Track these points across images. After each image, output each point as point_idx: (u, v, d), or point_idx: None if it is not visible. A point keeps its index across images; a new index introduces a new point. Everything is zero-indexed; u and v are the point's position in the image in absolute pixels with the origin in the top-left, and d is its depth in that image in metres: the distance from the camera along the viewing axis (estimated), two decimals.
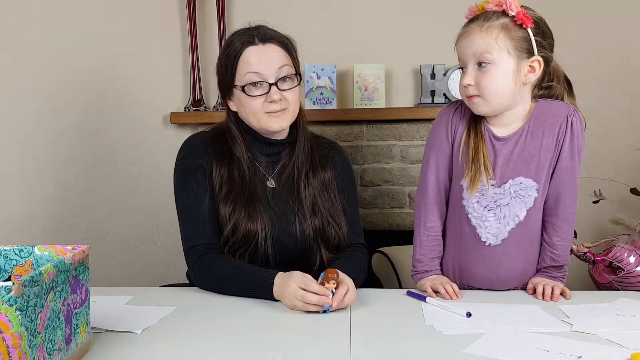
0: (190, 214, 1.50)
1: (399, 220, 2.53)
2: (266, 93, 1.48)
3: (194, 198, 1.50)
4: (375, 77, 2.46)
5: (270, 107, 1.48)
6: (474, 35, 1.33)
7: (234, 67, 1.49)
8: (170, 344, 1.09)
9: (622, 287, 1.62)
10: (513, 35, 1.32)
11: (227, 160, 1.52)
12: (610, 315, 1.25)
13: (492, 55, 1.31)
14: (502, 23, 1.32)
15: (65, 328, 0.94)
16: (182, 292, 1.49)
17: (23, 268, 1.05)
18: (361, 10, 2.55)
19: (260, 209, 1.49)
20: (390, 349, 1.06)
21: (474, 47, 1.33)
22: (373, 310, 1.29)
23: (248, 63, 1.47)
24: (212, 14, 2.52)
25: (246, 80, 1.48)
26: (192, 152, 1.54)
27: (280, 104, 1.49)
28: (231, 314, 1.27)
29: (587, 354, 1.02)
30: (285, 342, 1.10)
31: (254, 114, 1.50)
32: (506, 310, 1.29)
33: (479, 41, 1.32)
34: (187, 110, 2.51)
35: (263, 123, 1.50)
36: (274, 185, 1.55)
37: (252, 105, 1.49)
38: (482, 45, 1.32)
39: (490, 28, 1.31)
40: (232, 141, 1.54)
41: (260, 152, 1.56)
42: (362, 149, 2.50)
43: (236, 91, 1.50)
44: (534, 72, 1.35)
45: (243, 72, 1.48)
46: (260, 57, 1.48)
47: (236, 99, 1.52)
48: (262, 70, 1.47)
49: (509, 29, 1.31)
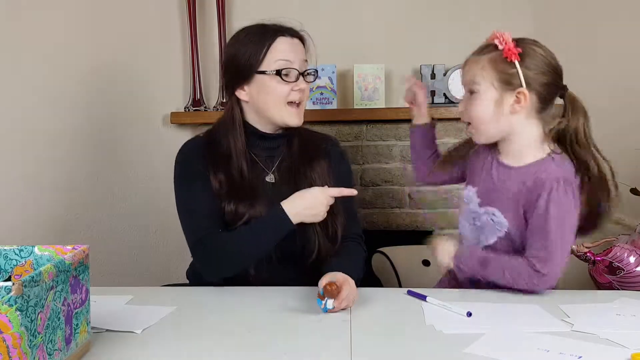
0: (192, 210, 1.50)
1: (399, 220, 2.53)
2: (294, 81, 1.52)
3: (194, 194, 1.50)
4: (375, 77, 2.46)
5: (294, 97, 1.52)
6: (467, 65, 1.43)
7: (264, 52, 1.50)
8: (170, 344, 1.09)
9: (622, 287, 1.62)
10: (499, 68, 1.38)
11: (223, 162, 1.52)
12: (611, 315, 1.25)
13: (478, 85, 1.40)
14: (490, 56, 1.39)
15: (66, 328, 0.94)
16: (182, 292, 1.49)
17: (23, 268, 1.05)
18: (361, 10, 2.55)
19: (263, 201, 1.49)
20: (390, 349, 1.07)
21: (466, 76, 1.44)
22: (373, 310, 1.29)
23: (281, 51, 1.50)
24: (212, 14, 2.52)
25: (278, 66, 1.50)
26: (189, 158, 1.55)
27: (302, 94, 1.54)
28: (231, 314, 1.27)
29: (588, 354, 1.02)
30: (285, 342, 1.10)
31: (277, 102, 1.51)
32: (507, 310, 1.29)
33: (469, 71, 1.42)
34: (187, 110, 2.51)
35: (283, 114, 1.52)
36: (273, 179, 1.56)
37: (278, 91, 1.50)
38: (471, 75, 1.42)
39: (480, 60, 1.40)
40: (232, 135, 1.54)
41: (258, 148, 1.57)
42: (362, 149, 2.50)
43: (260, 77, 1.50)
44: (519, 103, 1.38)
45: (274, 58, 1.50)
46: (292, 48, 1.52)
47: (257, 86, 1.52)
48: (293, 60, 1.51)
49: (495, 62, 1.38)
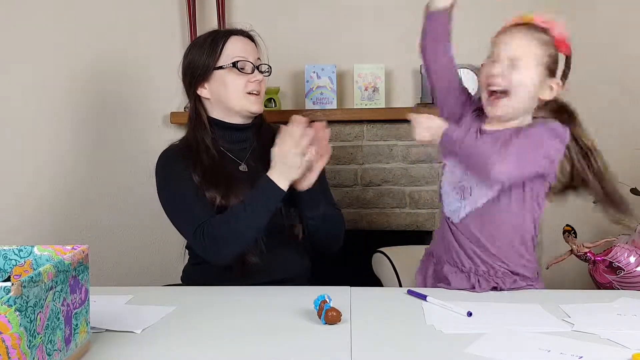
0: (183, 205, 1.55)
1: (399, 220, 2.53)
2: (250, 73, 1.62)
3: (182, 192, 1.55)
4: (375, 77, 2.46)
5: (252, 87, 1.61)
6: (517, 39, 1.41)
7: (220, 50, 1.61)
8: (170, 344, 1.09)
9: (622, 287, 1.62)
10: (550, 53, 1.41)
11: (198, 159, 1.58)
12: (612, 315, 1.25)
13: (526, 62, 1.39)
14: (545, 39, 1.41)
15: (65, 328, 0.94)
16: (182, 292, 1.49)
17: (22, 268, 1.05)
18: (361, 10, 2.55)
19: (239, 186, 1.54)
20: (390, 349, 1.06)
21: (514, 50, 1.40)
22: (373, 310, 1.29)
23: (235, 47, 1.62)
24: (212, 14, 2.52)
25: (233, 60, 1.60)
26: (168, 164, 1.62)
27: (259, 85, 1.63)
28: (231, 314, 1.27)
29: (588, 354, 1.02)
30: (285, 341, 1.10)
31: (237, 93, 1.61)
32: (507, 310, 1.29)
33: (520, 46, 1.40)
34: (187, 110, 2.50)
35: (244, 102, 1.61)
36: (245, 169, 1.63)
37: (236, 83, 1.60)
38: (522, 51, 1.40)
39: (534, 40, 1.40)
40: (199, 132, 1.62)
41: (228, 140, 1.65)
42: (362, 149, 2.50)
43: (218, 73, 1.60)
44: (551, 92, 1.42)
45: (230, 55, 1.60)
46: (244, 45, 1.64)
47: (216, 82, 1.61)
48: (247, 55, 1.62)
49: (547, 46, 1.41)
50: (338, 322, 1.19)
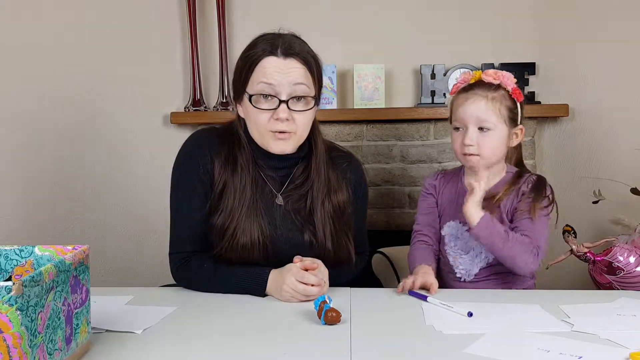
0: (180, 219, 1.48)
1: (399, 220, 2.53)
2: (274, 109, 1.38)
3: (186, 204, 1.47)
4: (375, 77, 2.46)
5: (276, 126, 1.38)
6: (479, 102, 1.49)
7: (249, 73, 1.39)
8: (170, 344, 1.09)
9: (622, 287, 1.62)
10: (508, 106, 1.50)
11: (231, 167, 1.44)
12: (611, 315, 1.25)
13: (493, 122, 1.48)
14: (502, 95, 1.50)
15: (66, 328, 0.94)
16: (182, 292, 1.49)
17: (23, 268, 1.05)
18: (361, 10, 2.55)
19: (261, 225, 1.42)
20: (390, 349, 1.06)
21: (479, 113, 1.48)
22: (373, 310, 1.29)
23: (264, 72, 1.37)
24: (212, 14, 2.52)
25: (257, 90, 1.38)
26: (195, 152, 1.46)
27: (287, 125, 1.38)
28: (231, 314, 1.27)
29: (588, 354, 1.02)
30: (285, 342, 1.10)
31: (258, 129, 1.41)
32: (507, 310, 1.29)
33: (484, 109, 1.48)
34: (187, 110, 2.51)
35: (265, 142, 1.42)
36: (282, 202, 1.47)
37: (257, 118, 1.40)
38: (486, 113, 1.48)
39: (495, 99, 1.49)
40: (238, 148, 1.46)
41: (268, 166, 1.47)
42: (362, 149, 2.50)
43: (245, 99, 1.42)
44: (517, 138, 1.54)
45: (257, 79, 1.38)
46: (278, 69, 1.37)
47: (244, 106, 1.44)
48: (276, 84, 1.37)
49: (505, 100, 1.50)
50: (338, 322, 1.19)
